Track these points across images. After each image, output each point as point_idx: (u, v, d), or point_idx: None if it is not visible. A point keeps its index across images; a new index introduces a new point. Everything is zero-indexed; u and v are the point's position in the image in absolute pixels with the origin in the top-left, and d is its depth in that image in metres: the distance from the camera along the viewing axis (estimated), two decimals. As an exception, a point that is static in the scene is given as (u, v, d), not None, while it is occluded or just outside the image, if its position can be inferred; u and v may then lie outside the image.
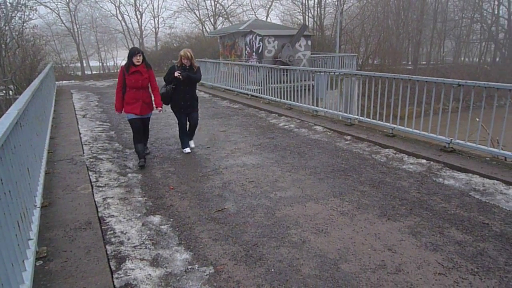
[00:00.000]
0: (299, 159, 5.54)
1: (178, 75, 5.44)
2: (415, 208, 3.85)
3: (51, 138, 6.62)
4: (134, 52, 5.21)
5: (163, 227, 3.55)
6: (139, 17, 31.26)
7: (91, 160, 5.54)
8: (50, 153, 5.77)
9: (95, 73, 29.43)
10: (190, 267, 2.90)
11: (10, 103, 10.68)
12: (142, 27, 31.57)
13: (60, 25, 29.65)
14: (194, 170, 5.17)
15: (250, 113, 9.33)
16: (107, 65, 32.86)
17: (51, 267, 2.83)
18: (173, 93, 5.65)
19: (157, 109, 5.53)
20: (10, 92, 14.20)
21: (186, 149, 5.96)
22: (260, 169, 5.14)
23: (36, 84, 5.78)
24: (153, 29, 32.89)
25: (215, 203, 4.07)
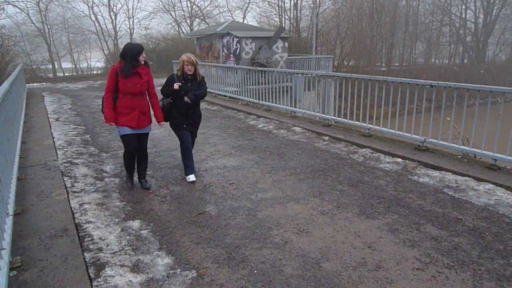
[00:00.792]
0: (279, 160, 5.57)
1: (177, 87, 4.52)
2: (392, 205, 3.96)
3: (22, 143, 6.38)
4: (139, 50, 4.13)
5: (143, 232, 3.49)
6: (113, 17, 30.62)
7: (66, 165, 5.37)
8: (22, 158, 5.55)
9: (68, 75, 28.56)
10: (172, 271, 2.86)
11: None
12: (117, 28, 30.93)
13: (30, 25, 28.59)
14: (173, 173, 5.10)
15: (229, 115, 9.31)
16: (80, 67, 31.98)
17: (26, 277, 2.73)
18: (171, 109, 4.69)
19: (159, 124, 4.63)
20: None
21: (191, 176, 4.75)
22: (240, 170, 5.14)
23: (5, 87, 5.54)
24: (128, 30, 32.31)
25: (196, 206, 4.04)
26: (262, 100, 9.79)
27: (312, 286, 2.67)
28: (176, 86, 4.52)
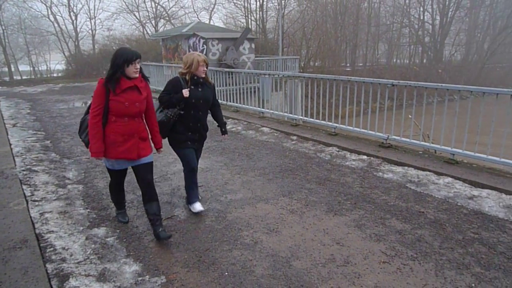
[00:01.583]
0: (248, 161, 5.58)
1: (187, 94, 3.61)
2: (359, 202, 4.07)
3: (-25, 151, 5.99)
4: (131, 56, 3.03)
5: (109, 239, 3.37)
6: (73, 18, 29.41)
7: (25, 172, 5.10)
8: (-26, 167, 5.21)
9: (26, 78, 27.11)
10: (140, 278, 2.79)
11: None
12: (78, 29, 29.72)
13: (-18, 26, 26.90)
14: (141, 177, 4.97)
15: (197, 117, 9.20)
16: (39, 70, 30.42)
17: (-19, 294, 2.56)
18: (176, 122, 3.73)
19: (158, 151, 3.63)
20: None
21: (196, 204, 3.90)
22: (209, 172, 5.10)
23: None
24: (90, 31, 31.14)
25: (164, 210, 3.96)
26: (230, 101, 9.77)
27: (282, 285, 2.69)
28: (185, 93, 3.61)
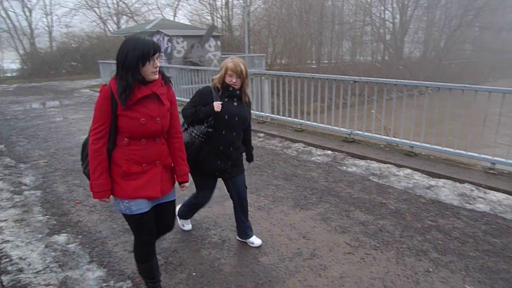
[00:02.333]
0: (215, 159, 5.54)
1: (219, 109, 2.81)
2: (324, 195, 4.16)
3: None
4: (148, 49, 2.02)
5: (70, 246, 3.24)
6: (27, 14, 27.87)
7: (-24, 179, 4.79)
8: None
9: (-25, 78, 25.43)
10: (105, 284, 2.71)
11: None
12: (33, 26, 28.20)
13: None
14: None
15: (163, 116, 9.02)
16: (-9, 69, 28.60)
17: None
18: (202, 145, 2.89)
19: (180, 187, 2.47)
20: None
21: (188, 225, 3.48)
22: (176, 172, 5.02)
23: None
24: (47, 28, 29.63)
25: (129, 212, 3.85)
26: (197, 100, 9.64)
27: (250, 281, 2.70)
28: (217, 106, 2.80)
